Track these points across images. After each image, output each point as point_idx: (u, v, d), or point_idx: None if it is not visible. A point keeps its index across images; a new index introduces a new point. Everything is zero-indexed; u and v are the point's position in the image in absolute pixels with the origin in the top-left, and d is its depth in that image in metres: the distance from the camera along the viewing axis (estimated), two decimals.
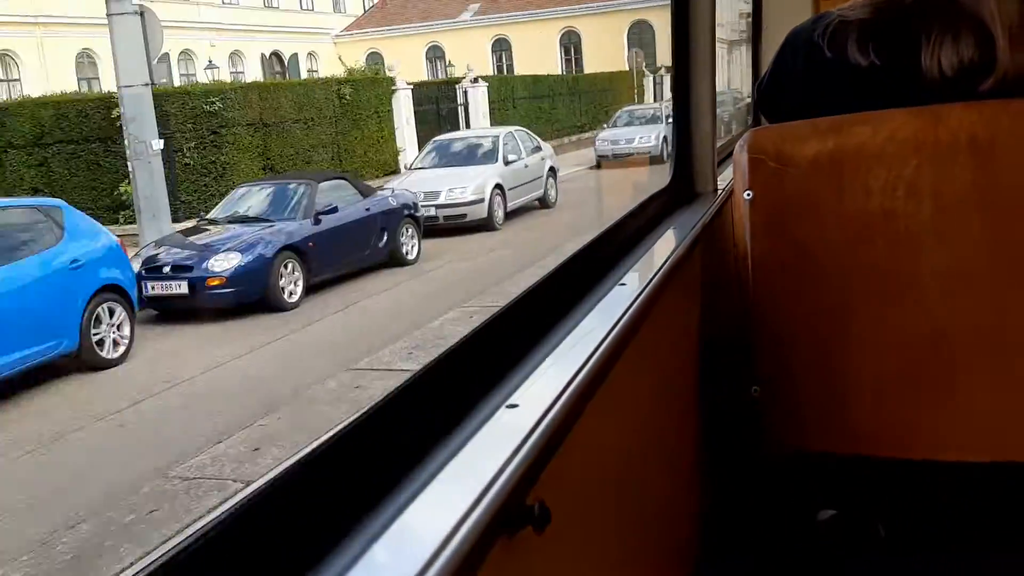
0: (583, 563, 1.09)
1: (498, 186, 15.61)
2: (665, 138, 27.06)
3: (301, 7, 46.33)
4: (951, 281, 1.50)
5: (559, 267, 1.35)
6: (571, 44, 44.93)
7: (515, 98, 26.49)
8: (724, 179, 2.24)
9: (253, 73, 38.17)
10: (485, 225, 15.08)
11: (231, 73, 35.72)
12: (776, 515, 1.80)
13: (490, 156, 16.40)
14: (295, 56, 44.08)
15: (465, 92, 24.58)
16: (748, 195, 1.58)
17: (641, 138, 25.96)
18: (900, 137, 1.48)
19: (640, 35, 44.90)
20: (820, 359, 1.59)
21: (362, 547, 0.67)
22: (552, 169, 17.54)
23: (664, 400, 1.65)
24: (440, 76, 43.17)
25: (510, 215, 16.04)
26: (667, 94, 38.76)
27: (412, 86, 22.72)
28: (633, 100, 31.80)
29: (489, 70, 42.81)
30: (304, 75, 40.30)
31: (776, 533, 1.81)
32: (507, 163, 16.23)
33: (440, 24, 45.78)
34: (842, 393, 1.58)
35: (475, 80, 24.48)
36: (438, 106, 23.68)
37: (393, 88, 21.37)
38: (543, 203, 17.08)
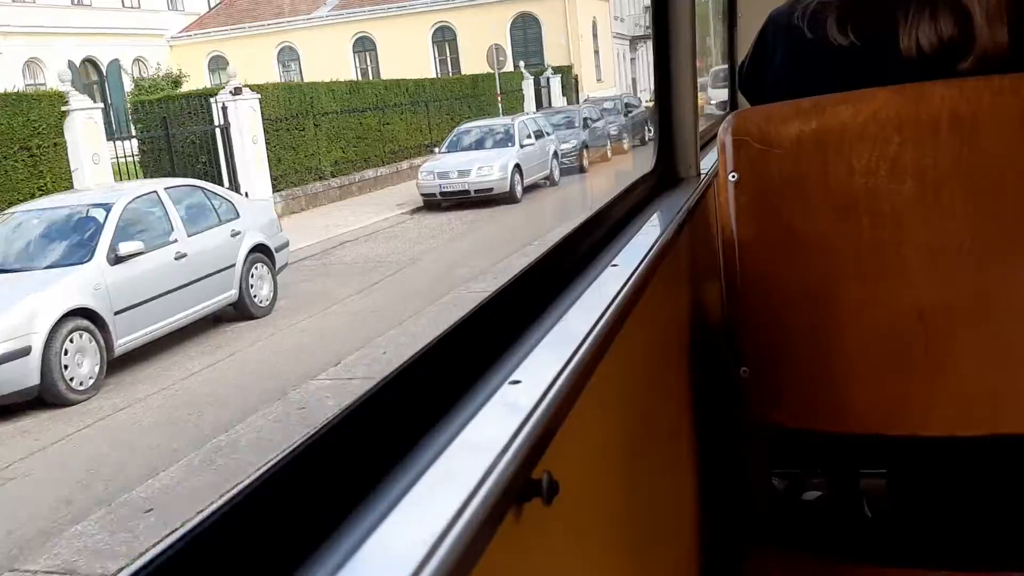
0: (592, 531, 1.12)
1: (83, 312, 6.83)
2: (518, 167, 17.74)
3: (124, 4, 37.94)
4: (935, 257, 1.54)
5: (552, 248, 1.36)
6: (446, 41, 37.16)
7: (318, 112, 17.83)
8: (706, 164, 2.26)
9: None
10: (47, 397, 6.37)
11: (27, 86, 26.82)
12: (766, 494, 1.83)
13: (79, 249, 7.55)
14: (115, 63, 38.10)
15: (224, 109, 15.72)
16: (733, 177, 1.60)
17: (481, 169, 17.15)
18: (882, 116, 1.51)
19: (524, 30, 36.89)
20: (807, 338, 1.62)
21: (373, 523, 0.67)
22: (262, 249, 8.85)
23: (658, 380, 1.65)
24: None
25: (144, 353, 8.65)
26: (556, 101, 30.91)
27: (104, 105, 13.95)
28: (498, 111, 23.35)
29: (351, 74, 38.52)
30: (129, 85, 31.84)
31: (767, 512, 1.83)
32: (118, 259, 7.37)
33: (294, 21, 38.01)
34: (829, 372, 1.62)
35: (237, 90, 15.65)
36: (167, 132, 14.80)
37: (64, 108, 12.49)
38: (241, 312, 8.33)
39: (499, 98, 26.18)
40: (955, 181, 1.49)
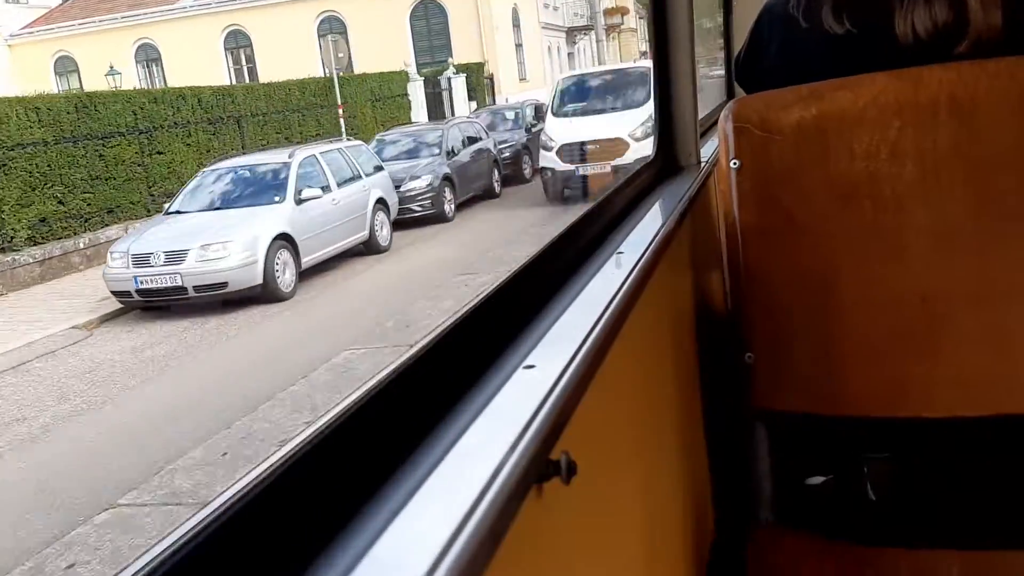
0: (609, 510, 1.19)
1: None
2: (286, 238, 8.58)
3: None
4: (936, 240, 1.60)
5: (558, 238, 1.41)
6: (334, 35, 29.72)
7: (13, 144, 9.94)
8: (706, 152, 2.41)
9: None
10: None
11: None
12: (771, 478, 1.84)
13: None
14: None
15: None
16: (735, 164, 1.66)
17: (208, 247, 8.40)
18: (881, 101, 1.57)
19: (427, 19, 29.04)
20: (811, 323, 1.70)
21: (398, 505, 0.70)
22: None
23: (664, 366, 1.72)
24: (158, 85, 32.72)
25: None
26: (459, 110, 24.00)
27: None
28: (340, 128, 15.90)
29: (224, 76, 32.71)
30: None
31: (773, 495, 1.86)
32: None
33: (153, 14, 33.29)
34: (833, 355, 1.69)
35: None
36: None
37: None
38: None
39: (341, 110, 18.47)
40: (955, 164, 1.55)
